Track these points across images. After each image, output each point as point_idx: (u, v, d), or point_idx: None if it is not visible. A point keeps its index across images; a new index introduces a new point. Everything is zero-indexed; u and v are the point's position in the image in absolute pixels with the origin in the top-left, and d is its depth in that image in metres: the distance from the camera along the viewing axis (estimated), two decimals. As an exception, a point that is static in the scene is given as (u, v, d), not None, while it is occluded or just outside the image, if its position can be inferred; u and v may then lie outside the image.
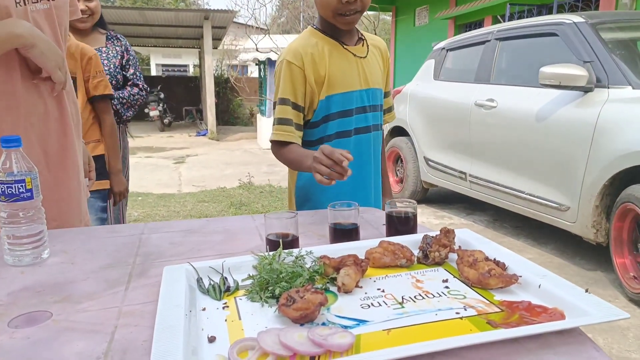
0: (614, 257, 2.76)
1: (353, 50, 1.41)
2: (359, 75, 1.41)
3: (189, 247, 1.05)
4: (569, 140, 2.99)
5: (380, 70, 1.49)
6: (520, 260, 0.85)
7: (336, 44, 1.40)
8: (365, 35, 1.49)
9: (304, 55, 1.35)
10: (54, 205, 1.19)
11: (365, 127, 1.43)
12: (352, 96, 1.39)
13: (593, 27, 3.13)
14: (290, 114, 1.36)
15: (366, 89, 1.42)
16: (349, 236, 1.03)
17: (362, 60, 1.42)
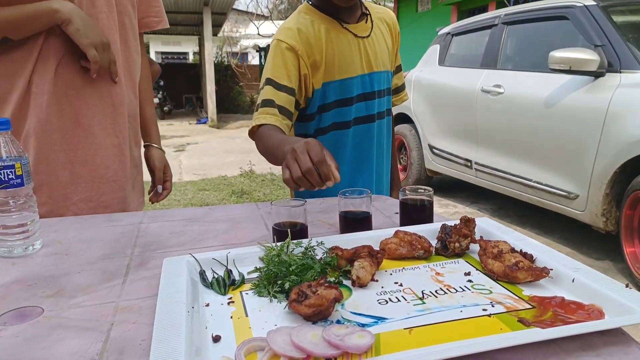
0: (624, 246, 2.70)
1: (354, 30, 1.25)
2: (361, 59, 1.26)
3: (191, 237, 0.99)
4: (578, 126, 2.92)
5: (387, 49, 1.33)
6: (549, 251, 0.78)
7: (334, 23, 1.24)
8: (370, 9, 1.32)
9: (298, 34, 1.20)
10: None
11: (367, 116, 1.30)
12: (352, 83, 1.25)
13: (604, 10, 3.03)
14: (278, 96, 1.18)
15: (369, 73, 1.28)
16: (360, 225, 0.96)
17: (364, 40, 1.27)
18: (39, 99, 1.13)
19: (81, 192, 1.19)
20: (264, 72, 1.23)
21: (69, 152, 1.17)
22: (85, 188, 1.19)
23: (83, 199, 1.19)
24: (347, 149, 1.30)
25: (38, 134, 1.13)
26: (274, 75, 1.19)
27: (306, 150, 0.84)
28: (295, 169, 0.84)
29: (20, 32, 1.10)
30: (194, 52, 21.82)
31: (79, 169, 1.18)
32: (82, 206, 1.19)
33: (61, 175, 1.16)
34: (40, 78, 1.12)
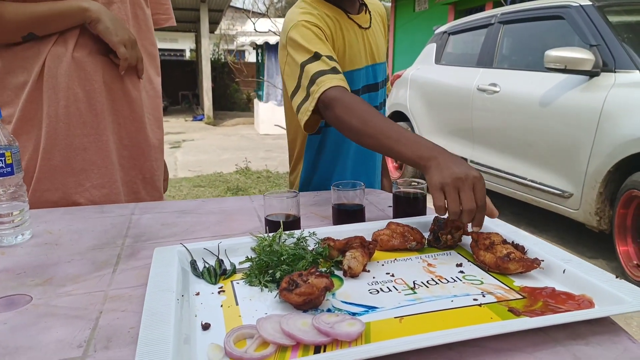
0: (617, 244, 2.71)
1: (358, 21, 1.23)
2: (365, 50, 1.25)
3: (183, 228, 0.98)
4: (573, 125, 2.93)
5: (382, 40, 1.33)
6: (540, 243, 0.78)
7: (341, 13, 1.20)
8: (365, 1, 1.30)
9: (321, 19, 1.14)
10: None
11: (382, 102, 1.31)
12: (359, 75, 1.24)
13: (600, 10, 3.04)
14: (332, 63, 1.06)
15: (372, 64, 1.27)
16: (353, 217, 0.96)
17: (366, 31, 1.25)
18: (51, 82, 1.11)
19: (94, 179, 1.17)
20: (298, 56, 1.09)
21: (82, 138, 1.15)
22: (99, 174, 1.18)
23: (96, 186, 1.17)
24: (353, 142, 1.28)
25: (51, 118, 1.12)
26: (318, 48, 1.07)
27: (472, 186, 0.77)
28: (455, 204, 0.77)
29: (47, 29, 1.10)
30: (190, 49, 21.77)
31: (92, 155, 1.17)
32: (95, 193, 1.17)
33: (74, 161, 1.15)
34: (53, 62, 1.11)
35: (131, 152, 1.24)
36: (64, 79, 1.12)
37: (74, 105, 1.13)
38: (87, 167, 1.16)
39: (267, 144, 8.70)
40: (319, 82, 1.03)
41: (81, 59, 1.13)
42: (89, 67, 1.14)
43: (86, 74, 1.14)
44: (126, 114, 1.22)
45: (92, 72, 1.14)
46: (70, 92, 1.12)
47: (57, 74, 1.11)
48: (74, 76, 1.13)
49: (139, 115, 1.24)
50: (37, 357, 0.55)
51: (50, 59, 1.11)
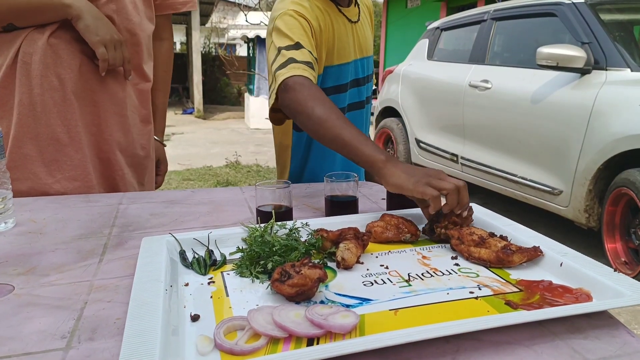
0: (606, 242, 2.73)
1: (347, 14, 1.22)
2: (354, 44, 1.23)
3: (172, 218, 0.96)
4: (564, 123, 2.94)
5: (370, 33, 1.32)
6: (537, 236, 0.77)
7: (332, 6, 1.18)
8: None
9: (310, 10, 1.11)
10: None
11: (359, 102, 1.29)
12: (347, 68, 1.22)
13: (592, 8, 3.05)
14: (309, 57, 1.03)
15: (360, 58, 1.26)
16: (346, 209, 0.94)
17: (355, 25, 1.24)
18: (25, 68, 1.08)
19: (66, 170, 1.14)
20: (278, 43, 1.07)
21: (55, 128, 1.11)
22: (71, 166, 1.14)
23: (67, 177, 1.14)
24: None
25: (23, 106, 1.08)
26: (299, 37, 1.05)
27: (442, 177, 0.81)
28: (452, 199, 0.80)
29: (27, 21, 1.07)
30: (180, 42, 21.56)
31: (65, 146, 1.13)
32: (67, 185, 1.14)
33: (45, 151, 1.11)
34: (29, 46, 1.08)
35: (112, 147, 1.20)
36: (38, 65, 1.08)
37: (48, 93, 1.09)
38: (59, 158, 1.13)
39: (258, 138, 8.65)
40: (290, 68, 1.01)
41: (58, 45, 1.09)
42: (66, 54, 1.10)
43: (62, 61, 1.10)
44: (107, 108, 1.17)
45: (69, 60, 1.10)
46: (44, 79, 1.09)
47: (31, 60, 1.08)
48: (49, 63, 1.09)
49: (123, 114, 1.20)
50: (18, 348, 0.53)
51: (27, 44, 1.08)
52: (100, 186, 1.20)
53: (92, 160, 1.18)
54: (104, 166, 1.20)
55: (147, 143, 1.30)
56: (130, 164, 1.26)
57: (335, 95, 1.23)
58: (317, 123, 0.95)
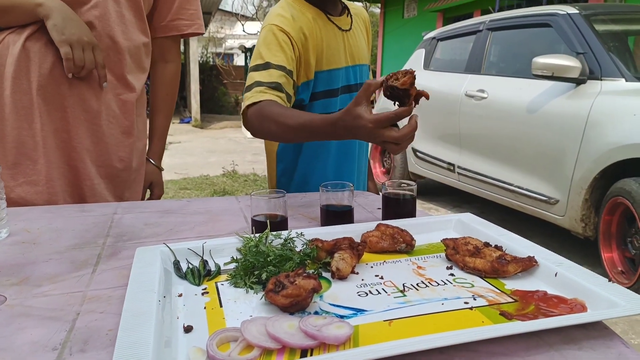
0: (602, 251, 2.73)
1: (338, 23, 1.25)
2: (345, 51, 1.26)
3: (167, 228, 0.95)
4: (560, 132, 2.95)
5: (365, 43, 1.34)
6: (531, 246, 0.77)
7: (321, 14, 1.22)
8: (348, 5, 1.32)
9: (293, 22, 1.15)
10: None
11: None
12: (338, 74, 1.24)
13: (587, 19, 3.08)
14: (276, 76, 1.10)
15: (352, 65, 1.28)
16: (342, 219, 0.94)
17: (346, 33, 1.27)
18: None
19: (28, 174, 1.11)
20: (255, 59, 1.15)
21: (20, 131, 1.09)
22: (34, 171, 1.11)
23: (29, 182, 1.12)
24: (333, 142, 1.28)
25: None
26: (271, 58, 1.12)
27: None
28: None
29: (2, 19, 1.07)
30: (179, 52, 21.63)
31: (29, 150, 1.10)
32: (28, 189, 1.11)
33: (9, 154, 1.10)
34: (5, 49, 1.08)
35: (81, 155, 1.16)
36: (10, 67, 1.07)
37: (17, 95, 1.08)
38: (23, 162, 1.11)
39: (255, 148, 8.66)
40: (249, 96, 1.09)
41: (31, 48, 1.08)
42: (38, 57, 1.08)
43: (34, 63, 1.08)
44: (78, 114, 1.14)
45: (40, 62, 1.09)
46: (15, 81, 1.08)
47: (5, 62, 1.08)
48: (22, 65, 1.08)
49: (96, 122, 1.17)
50: (9, 359, 0.52)
51: (3, 46, 1.08)
52: (66, 194, 1.17)
53: (60, 167, 1.15)
54: (72, 174, 1.17)
55: (127, 156, 1.25)
56: (103, 175, 1.22)
57: (327, 100, 1.25)
58: (277, 136, 1.08)
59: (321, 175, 1.28)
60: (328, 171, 1.29)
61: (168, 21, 1.30)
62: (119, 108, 1.21)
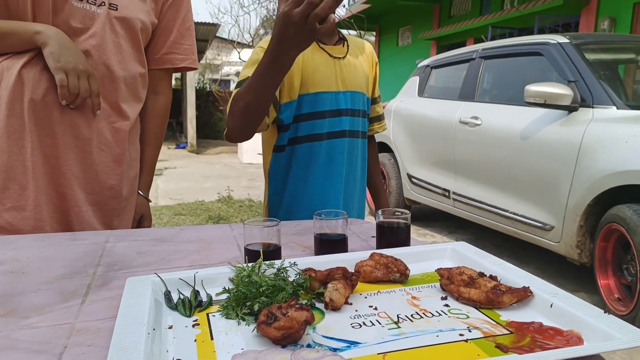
0: (598, 278, 2.72)
1: (330, 50, 1.30)
2: (336, 77, 1.29)
3: (159, 257, 0.94)
4: (553, 159, 2.97)
5: (363, 73, 1.37)
6: (526, 276, 0.77)
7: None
8: (348, 39, 1.38)
9: None
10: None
11: (339, 131, 1.31)
12: (326, 97, 1.27)
13: (577, 48, 3.15)
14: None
15: (343, 91, 1.30)
16: (336, 247, 0.94)
17: (339, 61, 1.31)
18: None
19: (15, 199, 1.10)
20: (241, 75, 1.21)
21: (10, 155, 1.09)
22: (22, 196, 1.10)
23: (16, 207, 1.10)
24: (318, 162, 1.31)
25: None
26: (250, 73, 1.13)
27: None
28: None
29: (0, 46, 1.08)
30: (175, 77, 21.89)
31: (17, 174, 1.09)
32: (15, 214, 1.10)
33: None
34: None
35: (69, 182, 1.16)
36: (5, 92, 1.08)
37: (9, 120, 1.08)
38: (11, 187, 1.10)
39: (250, 173, 8.67)
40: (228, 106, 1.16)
41: (27, 74, 1.09)
42: (31, 83, 1.09)
43: (27, 90, 1.09)
44: (68, 141, 1.14)
45: (33, 88, 1.09)
46: (9, 105, 1.08)
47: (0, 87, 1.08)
48: (17, 91, 1.08)
49: (86, 149, 1.17)
50: (-10, 396, 0.51)
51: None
52: (53, 220, 1.16)
53: (47, 192, 1.14)
54: (60, 200, 1.16)
55: (117, 184, 1.24)
56: (92, 202, 1.20)
57: (312, 122, 1.28)
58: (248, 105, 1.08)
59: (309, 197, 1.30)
60: (315, 197, 1.30)
61: (162, 54, 1.31)
62: (112, 136, 1.21)
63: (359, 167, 1.39)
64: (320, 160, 1.30)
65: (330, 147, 1.30)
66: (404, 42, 13.37)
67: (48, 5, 1.08)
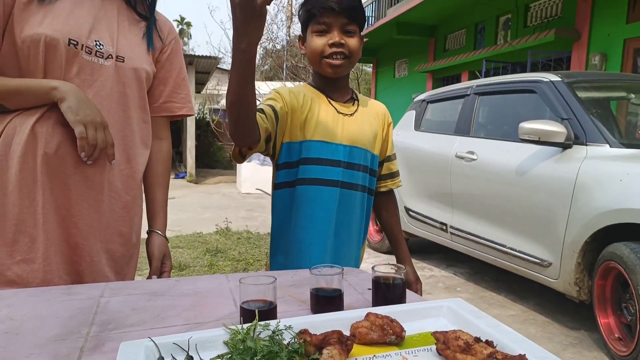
0: (598, 316, 2.69)
1: (338, 107, 1.37)
2: (342, 132, 1.35)
3: (153, 314, 0.94)
4: (549, 195, 2.99)
5: (371, 131, 1.41)
6: (523, 341, 0.76)
7: (322, 96, 1.36)
8: (360, 98, 1.44)
9: (289, 91, 1.33)
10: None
11: (334, 180, 1.34)
12: (322, 146, 1.32)
13: (569, 86, 3.20)
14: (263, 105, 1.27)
15: (344, 144, 1.34)
16: (332, 304, 0.93)
17: (346, 117, 1.37)
18: (4, 149, 1.10)
19: (26, 252, 1.12)
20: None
21: (21, 208, 1.11)
22: (32, 248, 1.12)
23: (26, 260, 1.12)
24: (311, 206, 1.34)
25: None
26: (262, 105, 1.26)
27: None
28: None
29: (16, 102, 1.11)
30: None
31: (28, 227, 1.11)
32: (25, 267, 1.11)
33: (8, 231, 1.11)
34: (11, 130, 1.11)
35: (82, 232, 1.18)
36: (17, 147, 1.10)
37: (22, 174, 1.10)
38: (21, 239, 1.11)
39: (249, 203, 8.67)
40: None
41: (39, 129, 1.11)
42: (44, 137, 1.12)
43: (41, 144, 1.11)
44: (81, 192, 1.17)
45: (47, 143, 1.12)
46: (21, 159, 1.10)
47: (12, 142, 1.11)
48: (30, 146, 1.11)
49: (98, 198, 1.20)
50: None
51: (11, 127, 1.11)
52: (62, 271, 1.17)
53: (57, 244, 1.16)
54: (71, 251, 1.18)
55: (128, 230, 1.28)
56: (104, 250, 1.23)
57: (306, 167, 1.33)
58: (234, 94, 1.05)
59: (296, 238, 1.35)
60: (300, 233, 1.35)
61: (161, 103, 1.36)
62: (122, 183, 1.25)
63: (355, 219, 1.40)
64: (305, 203, 1.34)
65: (317, 192, 1.33)
66: (400, 74, 13.59)
67: (61, 61, 1.12)
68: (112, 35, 1.20)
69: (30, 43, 1.09)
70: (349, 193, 1.36)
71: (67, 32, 1.12)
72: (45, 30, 1.09)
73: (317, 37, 1.29)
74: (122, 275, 1.28)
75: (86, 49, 1.15)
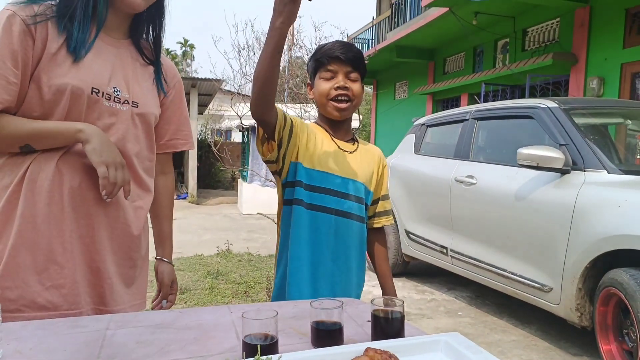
0: (600, 343, 2.69)
1: (339, 144, 1.48)
2: (343, 165, 1.46)
3: (158, 347, 0.96)
4: (549, 220, 3.01)
5: (368, 169, 1.52)
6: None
7: (326, 134, 1.49)
8: (360, 140, 1.57)
9: (297, 119, 1.43)
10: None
11: (327, 207, 1.43)
12: (319, 175, 1.42)
13: (566, 112, 3.25)
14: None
15: (345, 177, 1.45)
16: (331, 337, 0.96)
17: (347, 154, 1.48)
18: (31, 185, 1.17)
19: (55, 279, 1.19)
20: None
21: (50, 239, 1.18)
22: (61, 275, 1.19)
23: (56, 285, 1.19)
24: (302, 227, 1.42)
25: (25, 218, 1.16)
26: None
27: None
28: None
29: (43, 144, 1.18)
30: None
31: (57, 255, 1.19)
32: (55, 292, 1.19)
33: (38, 260, 1.18)
34: (37, 166, 1.18)
35: (102, 257, 1.27)
36: (43, 182, 1.18)
37: (49, 207, 1.18)
38: (50, 267, 1.19)
39: (250, 224, 8.68)
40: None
41: (63, 166, 1.20)
42: (69, 172, 1.20)
43: (65, 179, 1.20)
44: (101, 220, 1.26)
45: (71, 177, 1.20)
46: (50, 194, 1.18)
47: (38, 178, 1.18)
48: (56, 180, 1.19)
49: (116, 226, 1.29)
50: None
51: (35, 164, 1.18)
52: (87, 295, 1.25)
53: (83, 269, 1.24)
54: (94, 275, 1.26)
55: (135, 254, 1.37)
56: (119, 273, 1.33)
57: (321, 195, 1.42)
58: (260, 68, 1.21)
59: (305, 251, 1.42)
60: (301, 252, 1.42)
61: (166, 140, 1.47)
62: (133, 213, 1.35)
63: (353, 248, 1.47)
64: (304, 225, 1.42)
65: (314, 217, 1.42)
66: (400, 96, 13.74)
67: (82, 107, 1.20)
68: (127, 82, 1.29)
69: (57, 91, 1.17)
70: (345, 222, 1.45)
71: (90, 82, 1.20)
72: (72, 81, 1.17)
73: (325, 81, 1.44)
74: (131, 295, 1.37)
75: (106, 96, 1.24)
